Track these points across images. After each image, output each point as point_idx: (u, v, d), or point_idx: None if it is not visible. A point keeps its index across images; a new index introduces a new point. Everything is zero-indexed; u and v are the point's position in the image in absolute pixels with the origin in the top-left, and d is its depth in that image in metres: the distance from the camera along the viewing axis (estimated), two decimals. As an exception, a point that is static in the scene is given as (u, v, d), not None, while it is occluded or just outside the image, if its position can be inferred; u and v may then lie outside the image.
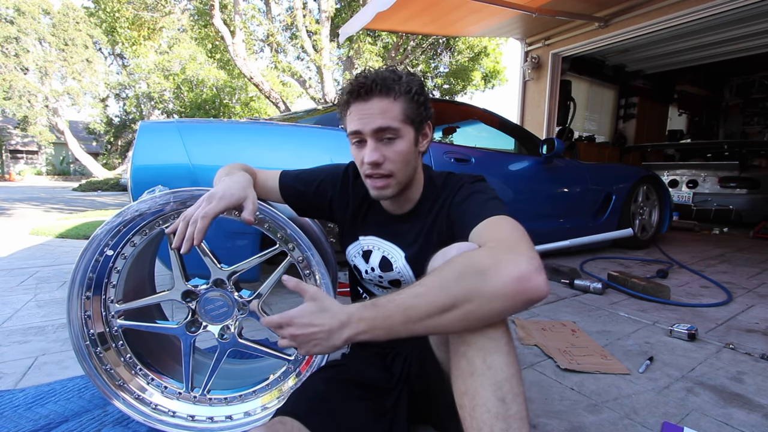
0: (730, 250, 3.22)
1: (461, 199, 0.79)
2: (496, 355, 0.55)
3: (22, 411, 0.95)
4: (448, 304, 0.53)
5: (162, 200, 0.82)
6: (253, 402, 0.91)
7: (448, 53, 11.16)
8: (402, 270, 0.87)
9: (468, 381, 0.56)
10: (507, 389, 0.54)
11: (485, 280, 0.51)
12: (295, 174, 0.95)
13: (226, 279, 0.87)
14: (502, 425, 0.52)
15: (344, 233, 0.95)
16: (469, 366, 0.56)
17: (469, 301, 0.52)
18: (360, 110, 0.75)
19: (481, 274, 0.52)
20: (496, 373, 0.54)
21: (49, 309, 1.72)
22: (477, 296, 0.52)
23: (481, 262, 0.53)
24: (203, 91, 12.71)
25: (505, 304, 0.52)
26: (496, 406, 0.53)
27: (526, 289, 0.51)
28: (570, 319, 1.63)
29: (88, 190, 12.39)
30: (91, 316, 0.86)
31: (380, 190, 0.79)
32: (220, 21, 7.79)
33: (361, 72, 0.78)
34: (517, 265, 0.51)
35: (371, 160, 0.75)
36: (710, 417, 0.97)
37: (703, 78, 6.55)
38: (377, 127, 0.75)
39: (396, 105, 0.76)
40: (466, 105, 2.94)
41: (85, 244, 0.82)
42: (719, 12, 3.51)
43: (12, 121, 19.23)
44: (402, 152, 0.77)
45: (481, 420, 0.53)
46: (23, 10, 14.85)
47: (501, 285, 0.51)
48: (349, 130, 0.78)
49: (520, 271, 0.51)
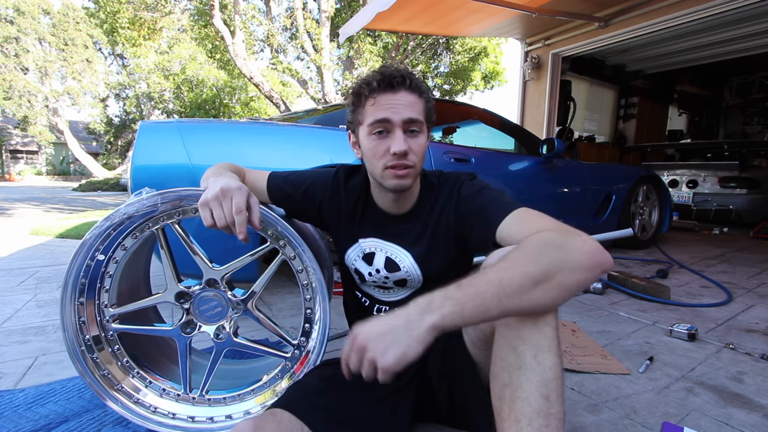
0: (730, 250, 3.22)
1: (470, 195, 0.80)
2: (548, 354, 0.56)
3: (22, 411, 0.95)
4: (541, 275, 0.53)
5: (149, 202, 0.81)
6: (252, 401, 0.91)
7: (448, 53, 11.16)
8: (410, 269, 0.87)
9: (515, 374, 0.56)
10: (552, 388, 0.54)
11: (566, 253, 0.54)
12: (283, 176, 0.94)
13: (219, 279, 0.86)
14: (543, 421, 0.53)
15: (341, 237, 0.94)
16: (518, 359, 0.56)
17: (560, 270, 0.53)
18: (389, 100, 0.76)
19: (560, 247, 0.55)
20: (545, 371, 0.55)
21: (49, 309, 1.72)
22: (564, 266, 0.54)
23: (554, 240, 0.56)
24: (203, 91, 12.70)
25: (587, 275, 0.55)
26: (539, 402, 0.54)
27: (600, 259, 0.55)
28: (570, 319, 1.63)
29: (88, 190, 12.39)
30: (86, 321, 0.85)
31: (402, 180, 0.79)
32: (220, 21, 7.79)
33: (384, 66, 0.79)
34: (586, 240, 0.56)
35: (401, 149, 0.76)
36: (710, 417, 0.97)
37: (703, 78, 6.54)
38: (408, 118, 0.76)
39: (420, 102, 0.79)
40: (466, 105, 2.94)
41: (75, 248, 0.81)
42: (719, 12, 3.51)
43: (12, 121, 19.22)
44: (423, 146, 0.80)
45: (520, 412, 0.54)
46: (23, 10, 14.85)
47: (579, 257, 0.54)
48: (374, 118, 0.77)
49: (590, 245, 0.56)
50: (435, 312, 0.52)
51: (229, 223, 0.74)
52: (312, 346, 0.89)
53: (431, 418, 0.89)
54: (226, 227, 0.75)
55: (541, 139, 2.67)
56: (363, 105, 0.79)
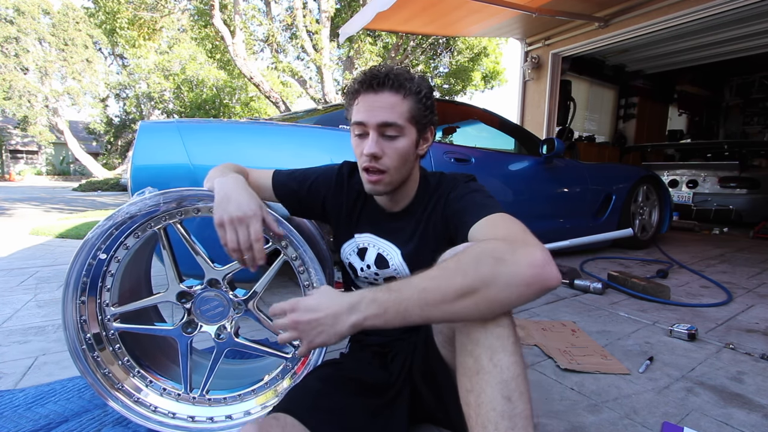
0: (730, 250, 3.22)
1: (457, 197, 0.80)
2: (503, 354, 0.55)
3: (22, 411, 0.95)
4: (466, 288, 0.52)
5: (152, 201, 0.81)
6: (252, 401, 0.91)
7: (448, 53, 11.16)
8: (398, 267, 0.87)
9: (474, 379, 0.56)
10: (513, 388, 0.54)
11: (503, 266, 0.52)
12: (288, 173, 0.95)
13: (221, 279, 0.87)
14: (508, 423, 0.52)
15: (339, 232, 0.95)
16: (476, 364, 0.56)
17: (487, 286, 0.52)
18: (368, 101, 0.76)
19: (499, 260, 0.52)
20: (503, 372, 0.54)
21: (49, 309, 1.72)
22: (495, 282, 0.52)
23: (497, 250, 0.54)
24: (203, 91, 12.71)
25: (521, 292, 0.52)
26: (502, 405, 0.53)
27: (541, 276, 0.52)
28: (570, 319, 1.63)
29: (88, 190, 12.39)
30: (87, 320, 0.85)
31: (373, 185, 0.80)
32: (220, 21, 7.79)
33: (376, 65, 0.79)
34: (532, 254, 0.53)
35: (370, 152, 0.76)
36: (710, 417, 0.97)
37: (703, 78, 6.55)
38: (382, 122, 0.76)
39: (404, 103, 0.77)
40: (466, 105, 2.94)
41: (77, 247, 0.81)
42: (719, 12, 3.51)
43: (12, 121, 19.22)
44: (401, 151, 0.78)
45: (486, 418, 0.53)
46: (23, 10, 14.84)
47: (518, 271, 0.52)
48: (354, 120, 0.78)
49: (535, 260, 0.52)
50: (360, 312, 0.57)
51: (243, 249, 0.75)
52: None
53: (427, 419, 0.89)
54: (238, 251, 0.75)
55: (541, 139, 2.68)
56: (352, 104, 0.80)
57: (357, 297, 0.57)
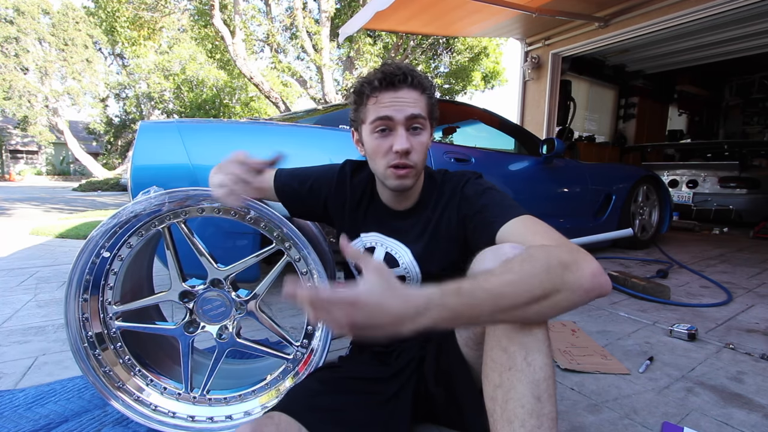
0: (730, 250, 3.22)
1: (474, 194, 0.80)
2: (537, 354, 0.56)
3: (22, 411, 0.95)
4: (540, 294, 0.52)
5: (157, 201, 0.81)
6: (252, 401, 0.91)
7: (448, 53, 11.16)
8: (409, 266, 0.87)
9: (505, 375, 0.56)
10: (544, 389, 0.54)
11: (570, 274, 0.53)
12: (290, 171, 0.95)
13: (223, 279, 0.87)
14: (535, 422, 0.53)
15: (344, 231, 0.94)
16: (509, 360, 0.56)
17: (558, 292, 0.52)
18: (391, 97, 0.76)
19: (566, 268, 0.53)
20: (536, 372, 0.55)
21: (49, 309, 1.72)
22: (563, 288, 0.53)
23: (562, 257, 0.54)
24: (203, 91, 12.71)
25: (582, 298, 0.54)
26: (532, 403, 0.54)
27: (599, 284, 0.54)
28: (570, 319, 1.63)
29: (88, 190, 12.38)
30: (89, 318, 0.85)
31: (403, 180, 0.79)
32: (220, 21, 7.78)
33: (388, 63, 0.78)
34: (591, 262, 0.55)
35: (403, 148, 0.75)
36: (710, 417, 0.97)
37: (703, 78, 6.54)
38: (410, 115, 0.76)
39: (423, 98, 0.78)
40: (466, 105, 2.94)
41: (81, 245, 0.81)
42: (719, 12, 3.51)
43: (12, 121, 19.22)
44: (425, 144, 0.80)
45: (513, 413, 0.54)
46: (23, 10, 14.84)
47: (583, 279, 0.53)
48: (376, 116, 0.77)
49: (595, 269, 0.54)
50: (430, 316, 0.50)
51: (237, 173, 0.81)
52: (315, 347, 0.89)
53: (428, 419, 0.89)
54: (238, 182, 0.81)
55: (541, 139, 2.67)
56: (365, 103, 0.79)
57: (423, 300, 0.50)
